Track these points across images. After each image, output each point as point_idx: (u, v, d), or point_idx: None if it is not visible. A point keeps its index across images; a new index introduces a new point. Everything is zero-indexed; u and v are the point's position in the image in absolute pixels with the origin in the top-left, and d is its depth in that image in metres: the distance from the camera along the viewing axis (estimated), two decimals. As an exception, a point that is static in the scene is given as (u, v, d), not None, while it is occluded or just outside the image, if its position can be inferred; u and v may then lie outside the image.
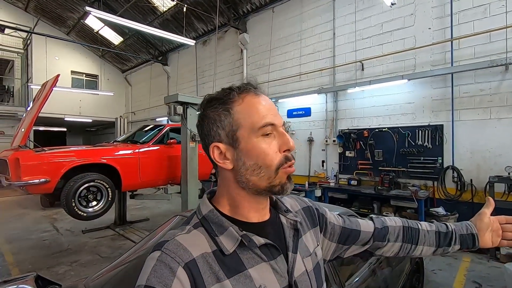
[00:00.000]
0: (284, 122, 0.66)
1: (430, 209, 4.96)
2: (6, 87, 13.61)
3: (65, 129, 16.79)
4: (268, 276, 0.62)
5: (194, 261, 0.57)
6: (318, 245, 0.79)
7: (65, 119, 13.53)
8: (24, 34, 11.42)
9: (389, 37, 5.79)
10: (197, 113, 0.74)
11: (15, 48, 12.02)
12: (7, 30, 9.22)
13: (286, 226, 0.72)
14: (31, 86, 10.77)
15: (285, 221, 0.73)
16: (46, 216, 7.16)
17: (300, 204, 0.84)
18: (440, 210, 4.88)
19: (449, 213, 4.80)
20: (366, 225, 0.88)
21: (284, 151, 0.63)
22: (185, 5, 8.04)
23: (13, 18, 11.89)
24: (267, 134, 0.63)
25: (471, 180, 4.80)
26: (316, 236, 0.80)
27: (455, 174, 4.91)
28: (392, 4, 4.55)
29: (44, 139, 9.99)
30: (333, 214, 0.88)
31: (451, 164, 4.97)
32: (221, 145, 0.64)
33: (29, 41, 11.59)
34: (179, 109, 4.42)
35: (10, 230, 5.96)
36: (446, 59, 5.07)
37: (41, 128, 14.57)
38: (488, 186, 4.46)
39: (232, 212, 0.66)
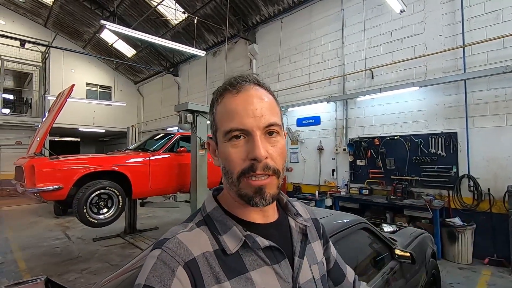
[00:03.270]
0: (273, 123, 0.59)
1: (446, 220, 4.78)
2: (25, 99, 14.17)
3: (79, 139, 17.23)
4: (271, 281, 0.59)
5: (194, 261, 0.55)
6: (323, 257, 0.77)
7: (79, 129, 13.91)
8: (42, 48, 11.95)
9: (399, 45, 5.75)
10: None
11: (34, 61, 12.60)
12: (27, 45, 9.67)
13: (294, 230, 0.69)
14: (48, 98, 11.18)
15: (294, 224, 0.70)
16: (59, 224, 7.27)
17: (310, 214, 0.81)
18: (457, 221, 4.70)
19: (466, 224, 4.61)
20: (350, 273, 0.87)
21: (251, 160, 0.57)
22: (196, 18, 8.25)
23: (33, 33, 12.50)
24: (237, 137, 0.58)
25: (488, 189, 4.62)
26: (321, 249, 0.77)
27: (471, 183, 4.74)
28: (402, 11, 4.53)
29: (59, 149, 10.25)
30: (332, 245, 0.86)
31: (467, 173, 4.80)
32: (211, 142, 0.66)
33: (47, 54, 12.12)
34: (189, 117, 4.48)
35: (23, 237, 6.07)
36: (458, 66, 4.98)
37: (56, 139, 15.02)
38: (507, 195, 4.29)
39: (234, 211, 0.64)
